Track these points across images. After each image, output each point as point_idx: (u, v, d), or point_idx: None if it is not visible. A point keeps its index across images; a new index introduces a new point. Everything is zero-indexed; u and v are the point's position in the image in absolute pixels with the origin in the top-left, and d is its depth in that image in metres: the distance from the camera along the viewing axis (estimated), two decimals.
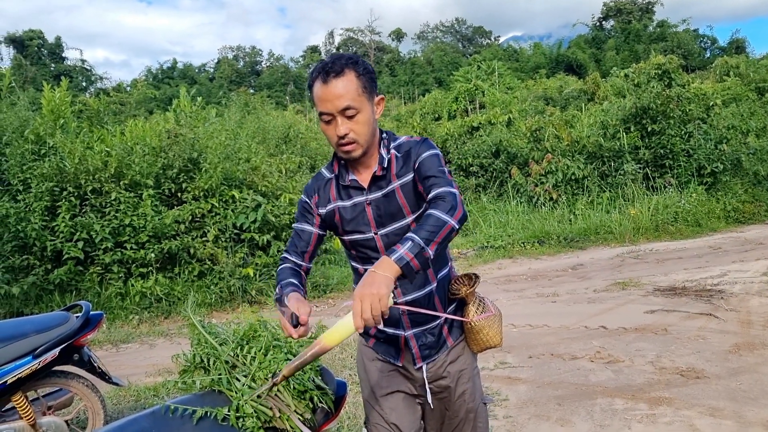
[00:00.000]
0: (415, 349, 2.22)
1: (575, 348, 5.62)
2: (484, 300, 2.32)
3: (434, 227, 1.78)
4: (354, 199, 2.15)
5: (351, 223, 2.16)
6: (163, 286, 8.20)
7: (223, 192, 9.01)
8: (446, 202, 1.85)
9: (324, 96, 1.96)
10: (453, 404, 2.28)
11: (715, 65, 28.80)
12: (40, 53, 58.99)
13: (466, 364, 2.30)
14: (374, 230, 2.14)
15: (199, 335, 2.35)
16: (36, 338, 3.40)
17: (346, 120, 1.97)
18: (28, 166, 8.54)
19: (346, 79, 1.94)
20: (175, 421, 2.04)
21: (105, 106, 12.93)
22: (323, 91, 1.96)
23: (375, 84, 2.05)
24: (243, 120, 15.52)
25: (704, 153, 13.94)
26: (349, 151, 2.03)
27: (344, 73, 1.94)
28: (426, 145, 2.11)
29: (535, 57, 56.70)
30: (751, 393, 4.33)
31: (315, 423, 2.20)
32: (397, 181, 2.10)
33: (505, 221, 13.42)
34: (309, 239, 2.23)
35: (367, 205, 2.13)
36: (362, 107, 1.98)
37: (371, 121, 2.03)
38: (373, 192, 2.12)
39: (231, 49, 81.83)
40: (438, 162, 2.05)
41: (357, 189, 2.14)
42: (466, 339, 2.31)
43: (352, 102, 1.95)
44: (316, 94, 1.99)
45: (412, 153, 2.10)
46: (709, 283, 7.81)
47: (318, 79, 1.97)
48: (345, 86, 1.94)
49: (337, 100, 1.94)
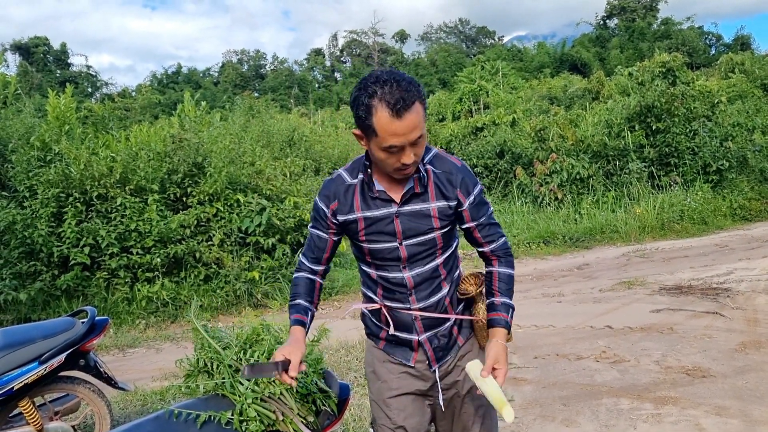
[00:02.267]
0: (430, 353, 2.24)
1: (581, 348, 5.61)
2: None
3: (510, 283, 2.26)
4: (381, 210, 2.10)
5: (375, 233, 2.13)
6: (169, 291, 8.23)
7: (228, 196, 9.04)
8: (508, 258, 2.27)
9: (397, 131, 1.87)
10: (462, 400, 2.30)
11: (720, 62, 28.71)
12: (46, 60, 59.29)
13: (471, 348, 2.34)
14: (399, 240, 2.13)
15: (202, 339, 2.36)
16: (42, 344, 3.42)
17: (412, 147, 1.94)
18: (34, 172, 8.58)
19: (415, 111, 1.87)
20: (179, 425, 2.06)
21: (110, 112, 13.01)
22: (396, 126, 1.86)
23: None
24: (247, 124, 15.56)
25: (710, 151, 13.90)
26: (408, 174, 2.02)
27: (414, 105, 1.87)
28: (469, 176, 2.15)
29: (539, 56, 56.63)
30: (757, 391, 4.32)
31: (318, 426, 2.22)
32: (435, 202, 2.10)
33: (510, 221, 13.40)
34: (325, 246, 2.24)
35: (396, 217, 2.10)
36: (424, 131, 1.96)
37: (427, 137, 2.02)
38: (405, 206, 2.09)
39: (235, 52, 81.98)
40: (487, 204, 2.21)
41: (385, 201, 2.10)
42: (476, 336, 2.34)
43: (420, 131, 1.92)
44: (383, 127, 1.88)
45: (454, 181, 2.10)
46: (715, 281, 7.79)
47: (385, 112, 1.86)
48: (417, 117, 1.88)
49: (411, 133, 1.89)
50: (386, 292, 2.22)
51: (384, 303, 2.23)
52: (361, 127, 1.95)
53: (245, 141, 10.99)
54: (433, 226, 2.10)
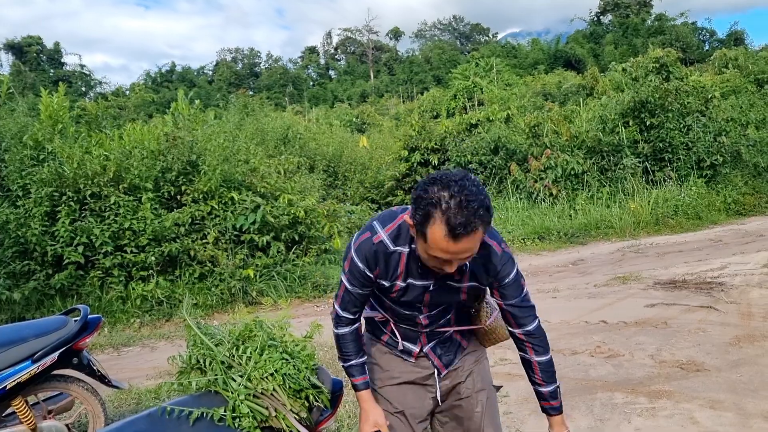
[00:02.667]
0: (436, 362, 2.33)
1: (575, 343, 5.62)
2: (488, 298, 2.37)
3: (551, 367, 2.23)
4: (422, 281, 2.08)
5: (407, 296, 2.14)
6: (163, 289, 8.21)
7: (222, 194, 9.01)
8: (543, 344, 2.22)
9: (449, 250, 1.77)
10: (463, 385, 2.36)
11: (714, 57, 28.75)
12: (39, 59, 59.10)
13: (472, 346, 2.41)
14: (425, 311, 2.20)
15: (195, 336, 2.35)
16: (34, 343, 3.40)
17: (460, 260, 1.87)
18: (27, 171, 8.54)
19: (475, 237, 1.76)
20: (172, 422, 2.05)
21: (103, 111, 12.94)
22: (449, 246, 1.76)
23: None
24: (242, 122, 15.52)
25: (703, 146, 13.93)
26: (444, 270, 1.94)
27: (477, 230, 1.75)
28: (512, 263, 2.08)
29: (533, 53, 56.69)
30: (751, 385, 4.33)
31: (311, 421, 2.21)
32: (468, 282, 2.10)
33: (505, 218, 13.40)
34: (365, 300, 2.22)
35: (427, 292, 2.11)
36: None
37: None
38: (439, 281, 2.08)
39: (229, 51, 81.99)
40: (521, 286, 2.14)
41: (425, 273, 2.06)
42: (479, 338, 2.42)
43: (475, 251, 1.83)
44: (435, 241, 1.77)
45: (491, 269, 2.05)
46: (709, 275, 7.81)
47: (442, 229, 1.74)
48: (474, 243, 1.78)
49: (465, 253, 1.80)
50: (398, 317, 2.29)
51: (392, 320, 2.31)
52: (414, 225, 1.84)
53: (239, 139, 10.95)
54: (460, 299, 2.18)
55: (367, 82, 68.13)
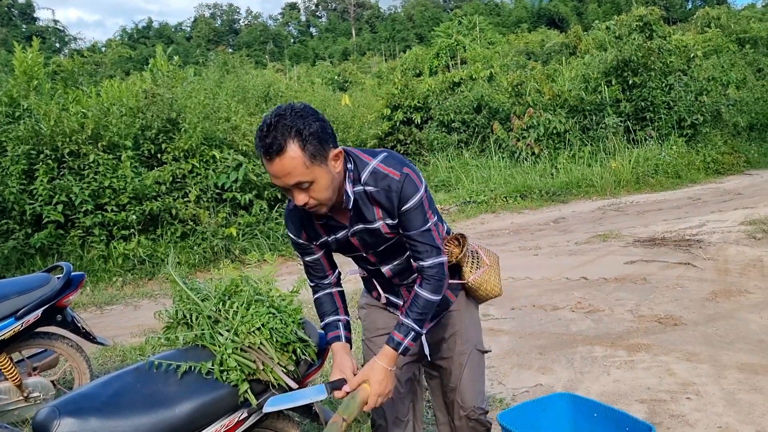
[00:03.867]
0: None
1: (557, 299, 5.71)
2: (479, 252, 2.38)
3: (426, 308, 2.02)
4: (338, 233, 2.10)
5: (341, 248, 2.18)
6: (145, 248, 8.17)
7: (203, 152, 8.92)
8: (432, 283, 2.02)
9: (271, 172, 1.82)
10: (443, 344, 2.37)
11: (697, 17, 28.68)
12: (11, 14, 57.48)
13: (459, 306, 2.39)
14: (363, 252, 2.17)
15: (181, 292, 2.35)
16: (17, 300, 3.38)
17: (302, 191, 1.85)
18: (3, 129, 8.36)
19: (289, 157, 1.75)
20: (160, 376, 2.06)
21: (80, 67, 12.68)
22: (270, 168, 1.81)
23: (326, 143, 1.83)
24: (222, 79, 15.26)
25: (685, 105, 13.99)
26: (315, 212, 1.96)
27: (286, 150, 1.75)
28: (407, 187, 1.94)
29: (516, 11, 56.16)
30: (726, 338, 4.44)
31: (299, 375, 2.24)
32: (381, 221, 2.03)
33: (488, 176, 13.43)
34: (321, 262, 2.23)
35: (352, 237, 2.10)
36: (315, 176, 1.81)
37: (329, 184, 1.87)
38: (355, 225, 2.06)
39: (208, 7, 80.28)
40: (422, 218, 1.98)
41: (338, 227, 2.09)
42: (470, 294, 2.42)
43: (301, 177, 1.79)
44: (266, 166, 1.84)
45: (393, 196, 1.95)
46: (688, 233, 7.92)
47: (261, 153, 1.80)
48: (290, 164, 1.76)
49: (286, 178, 1.80)
50: (364, 271, 2.33)
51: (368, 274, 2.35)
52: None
53: (220, 96, 10.79)
54: (388, 238, 2.09)
55: (348, 39, 67.16)
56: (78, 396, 1.98)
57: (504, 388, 3.91)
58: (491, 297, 2.40)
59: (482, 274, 2.34)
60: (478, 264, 2.35)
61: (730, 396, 3.53)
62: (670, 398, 3.57)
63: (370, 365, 2.01)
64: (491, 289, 2.37)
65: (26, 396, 3.56)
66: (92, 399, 1.95)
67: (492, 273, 2.38)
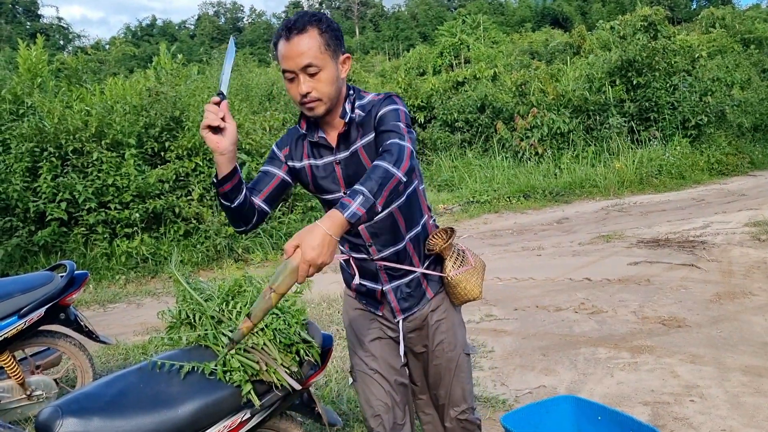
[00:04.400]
0: (393, 303, 2.27)
1: (560, 300, 5.69)
2: (465, 253, 2.33)
3: (383, 178, 1.73)
4: (324, 158, 2.13)
5: (321, 181, 2.16)
6: (148, 246, 8.17)
7: (206, 150, 8.92)
8: (392, 154, 1.81)
9: (286, 53, 1.92)
10: (432, 353, 2.33)
11: (701, 17, 28.63)
12: (15, 11, 57.58)
13: (445, 314, 2.34)
14: (344, 190, 2.13)
15: (184, 292, 2.34)
16: (21, 298, 3.39)
17: (309, 78, 1.93)
18: (7, 126, 8.37)
19: (308, 36, 1.90)
20: (163, 376, 2.06)
21: (83, 65, 12.64)
22: (286, 49, 1.92)
23: (340, 42, 2.00)
24: None
25: (689, 105, 13.94)
26: (312, 108, 1.99)
27: (306, 30, 1.90)
28: (388, 101, 2.06)
29: (520, 10, 56.10)
30: (730, 340, 4.42)
31: (302, 376, 2.22)
32: (360, 141, 2.07)
33: (491, 176, 13.42)
34: (270, 180, 2.16)
35: (336, 164, 2.11)
36: (325, 65, 1.93)
37: (335, 80, 1.98)
38: (341, 151, 2.10)
39: (212, 5, 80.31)
40: (396, 115, 2.01)
41: (326, 148, 2.12)
42: (446, 292, 2.34)
43: (313, 60, 1.90)
44: (279, 52, 1.95)
45: (373, 111, 2.06)
46: (691, 234, 7.90)
47: (282, 36, 1.93)
48: (307, 43, 1.90)
49: (299, 57, 1.90)
50: (350, 244, 2.26)
51: (351, 254, 2.27)
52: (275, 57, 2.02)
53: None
54: (366, 168, 2.04)
55: (352, 38, 67.14)
56: (81, 395, 1.97)
57: (507, 389, 3.90)
58: (469, 299, 2.30)
59: (464, 272, 2.28)
60: (462, 262, 2.30)
61: (735, 399, 3.52)
62: (674, 401, 3.56)
63: (307, 228, 1.65)
64: (471, 289, 2.27)
65: (29, 394, 3.57)
66: (95, 399, 1.94)
67: (474, 274, 2.31)
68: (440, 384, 2.36)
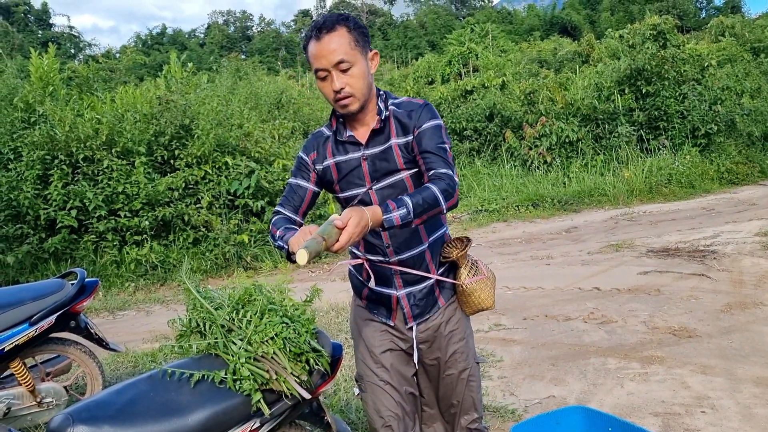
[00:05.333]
0: (406, 309, 2.26)
1: (569, 309, 5.67)
2: (478, 263, 2.33)
3: (429, 203, 1.89)
4: (350, 154, 2.17)
5: (346, 178, 2.18)
6: (158, 254, 8.21)
7: (216, 158, 8.96)
8: (447, 186, 1.94)
9: (318, 52, 1.99)
10: (444, 364, 2.32)
11: (711, 25, 28.53)
12: (27, 20, 58.13)
13: (458, 324, 2.34)
14: (369, 185, 2.16)
15: (194, 300, 2.35)
16: (32, 305, 3.40)
17: (341, 74, 2.00)
18: (19, 134, 8.46)
19: (337, 35, 1.98)
20: (173, 384, 2.06)
21: (94, 73, 12.72)
22: (317, 48, 1.99)
23: (368, 39, 2.08)
24: (235, 86, 15.34)
25: (699, 114, 13.88)
26: (347, 104, 2.06)
27: (336, 29, 1.98)
28: (428, 111, 2.12)
29: (529, 19, 56.14)
30: (742, 351, 4.39)
31: (311, 385, 2.22)
32: (395, 138, 2.12)
33: (500, 185, 13.40)
34: (304, 195, 2.23)
35: (363, 160, 2.14)
36: (356, 61, 2.01)
37: (366, 75, 2.05)
38: (370, 147, 2.14)
39: (221, 14, 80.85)
40: (439, 136, 2.08)
41: (354, 144, 2.16)
42: (459, 301, 2.33)
43: (345, 56, 1.98)
44: (310, 53, 2.02)
45: (413, 115, 2.11)
46: (701, 244, 7.86)
47: (312, 37, 2.01)
48: (337, 41, 1.98)
49: (331, 54, 1.98)
50: (366, 245, 2.26)
51: (366, 256, 2.26)
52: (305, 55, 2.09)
53: (233, 103, 10.86)
54: (397, 165, 2.12)
55: None
56: (92, 403, 1.98)
57: (516, 399, 3.88)
58: (482, 308, 2.30)
59: (478, 281, 2.29)
60: (476, 272, 2.31)
61: (746, 410, 3.49)
62: (685, 412, 3.53)
63: (354, 208, 1.82)
64: (484, 298, 2.28)
65: (39, 401, 3.58)
66: (106, 407, 1.95)
67: (487, 284, 2.31)
68: (452, 394, 2.35)
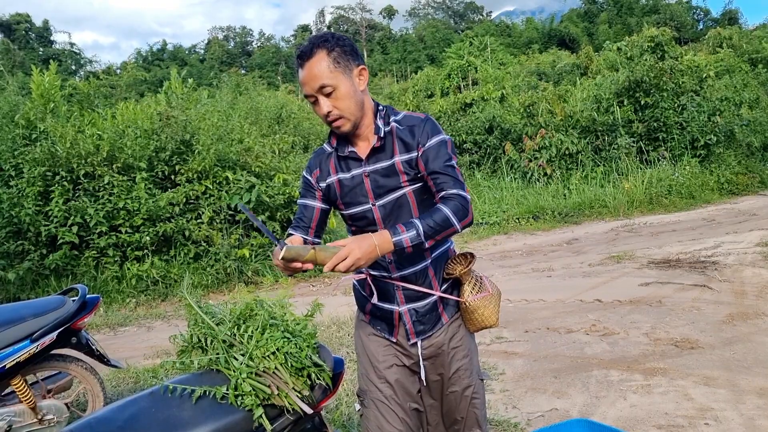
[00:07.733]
0: (408, 325, 2.25)
1: (571, 321, 5.66)
2: (482, 279, 2.32)
3: (441, 225, 1.94)
4: (353, 171, 2.17)
5: (349, 194, 2.19)
6: (159, 269, 8.20)
7: (216, 173, 8.98)
8: (458, 205, 1.98)
9: (302, 80, 2.04)
10: (448, 380, 2.31)
11: (708, 37, 28.71)
12: (28, 37, 58.41)
13: (462, 341, 2.32)
14: (372, 201, 2.16)
15: (195, 315, 2.35)
16: (33, 322, 3.40)
17: (326, 98, 2.03)
18: (20, 151, 8.48)
19: (316, 60, 2.00)
20: (175, 400, 2.06)
21: (95, 89, 12.83)
22: (301, 76, 2.04)
23: (352, 56, 2.07)
24: (235, 101, 15.43)
25: (697, 125, 13.93)
26: (339, 126, 2.08)
27: (314, 54, 2.00)
28: (431, 126, 2.12)
29: (527, 32, 56.43)
30: (744, 362, 4.38)
31: (313, 399, 2.22)
32: (398, 156, 2.12)
33: (500, 197, 13.42)
34: (312, 214, 2.25)
35: (366, 176, 2.15)
36: (338, 83, 2.01)
37: (352, 94, 2.05)
38: (371, 164, 2.14)
39: (221, 29, 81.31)
40: (446, 153, 2.08)
41: (355, 161, 2.17)
42: (462, 318, 2.32)
43: (326, 80, 2.00)
44: (299, 80, 2.07)
45: (416, 131, 2.11)
46: (702, 254, 7.85)
47: (298, 66, 2.06)
48: (317, 67, 2.00)
49: (312, 81, 2.01)
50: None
51: (369, 271, 2.26)
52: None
53: (233, 118, 10.89)
54: (400, 181, 2.13)
55: None
56: (93, 420, 1.98)
57: (518, 413, 3.87)
58: (485, 326, 2.29)
59: (482, 298, 2.28)
60: (480, 288, 2.29)
61: (750, 422, 3.48)
62: (688, 424, 3.51)
63: (362, 236, 1.91)
64: (488, 315, 2.27)
65: (40, 418, 3.56)
66: (107, 423, 1.95)
67: (491, 301, 2.30)
68: (456, 411, 2.33)
